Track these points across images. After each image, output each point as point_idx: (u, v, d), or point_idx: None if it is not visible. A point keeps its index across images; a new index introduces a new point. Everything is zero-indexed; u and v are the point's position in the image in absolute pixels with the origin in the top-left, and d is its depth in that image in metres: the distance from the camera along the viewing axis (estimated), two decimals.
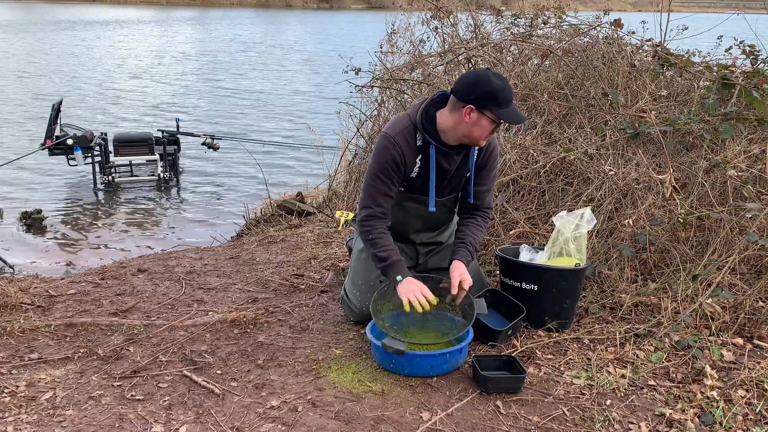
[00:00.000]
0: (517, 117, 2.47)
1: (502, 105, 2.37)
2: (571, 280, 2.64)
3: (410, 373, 2.36)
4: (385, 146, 2.50)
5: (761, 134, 3.17)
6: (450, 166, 2.58)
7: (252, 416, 2.11)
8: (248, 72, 17.37)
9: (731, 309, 2.61)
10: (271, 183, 5.79)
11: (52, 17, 34.93)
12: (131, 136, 7.21)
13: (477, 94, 2.36)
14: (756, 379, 2.26)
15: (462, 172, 2.63)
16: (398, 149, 2.49)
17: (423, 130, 2.50)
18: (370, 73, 4.92)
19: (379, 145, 2.55)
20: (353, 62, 4.86)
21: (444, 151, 2.52)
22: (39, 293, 3.09)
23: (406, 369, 2.36)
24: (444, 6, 4.86)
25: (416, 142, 2.52)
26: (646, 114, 3.24)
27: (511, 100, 2.40)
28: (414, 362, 2.35)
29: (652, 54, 3.80)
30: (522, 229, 3.29)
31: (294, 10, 54.26)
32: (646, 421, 2.09)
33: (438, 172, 2.56)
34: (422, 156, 2.54)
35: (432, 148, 2.50)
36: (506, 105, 2.38)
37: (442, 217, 2.80)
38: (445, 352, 2.36)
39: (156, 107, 11.99)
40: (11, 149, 8.14)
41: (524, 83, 4.05)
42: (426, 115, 2.51)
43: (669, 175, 2.91)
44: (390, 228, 2.65)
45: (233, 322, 2.78)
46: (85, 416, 2.10)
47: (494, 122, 2.40)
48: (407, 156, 2.51)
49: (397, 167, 2.51)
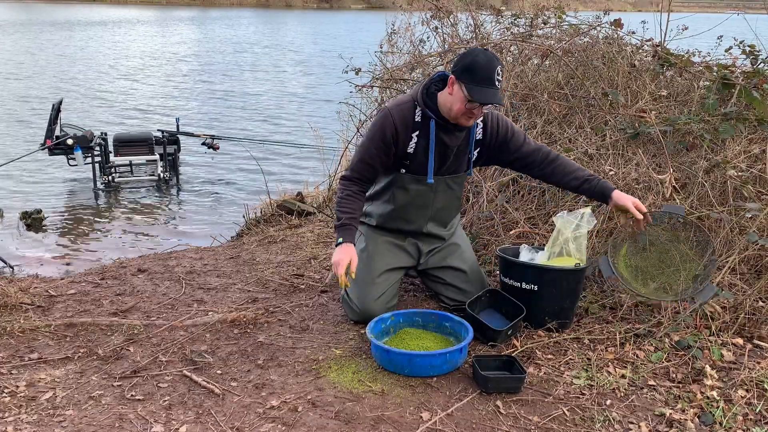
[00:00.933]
0: (486, 97, 2.40)
1: (478, 81, 2.37)
2: (571, 280, 2.64)
3: (410, 373, 2.36)
4: (381, 121, 2.58)
5: (761, 134, 3.17)
6: (452, 142, 2.60)
7: (252, 416, 2.11)
8: (248, 72, 17.37)
9: (731, 309, 2.61)
10: (271, 183, 5.78)
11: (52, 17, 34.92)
12: (131, 136, 7.20)
13: (460, 65, 2.43)
14: (756, 379, 2.26)
15: (464, 151, 2.65)
16: (392, 125, 2.55)
17: (423, 105, 2.55)
18: (370, 73, 4.91)
19: (377, 118, 2.63)
20: (353, 62, 4.86)
21: (445, 126, 2.55)
22: (39, 293, 3.09)
23: (406, 369, 2.36)
24: (444, 6, 4.86)
25: (414, 117, 2.57)
26: (646, 114, 3.24)
27: (491, 80, 2.38)
28: (414, 362, 2.35)
29: (652, 54, 3.80)
30: (522, 229, 3.29)
31: (294, 10, 54.26)
32: (646, 421, 2.09)
33: (439, 147, 2.59)
34: (420, 132, 2.57)
35: (432, 122, 2.54)
36: (483, 83, 2.37)
37: (448, 203, 2.79)
38: (445, 352, 2.37)
39: (156, 107, 11.98)
40: (11, 149, 8.14)
41: (524, 83, 4.05)
42: (427, 92, 2.57)
43: (669, 175, 2.91)
44: (398, 218, 2.71)
45: (233, 322, 2.78)
46: (85, 416, 2.10)
47: (468, 99, 2.40)
48: (401, 131, 2.56)
49: (388, 142, 2.57)
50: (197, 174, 7.76)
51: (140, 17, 38.66)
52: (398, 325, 2.64)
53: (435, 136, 2.56)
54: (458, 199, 2.84)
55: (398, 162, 2.65)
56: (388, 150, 2.59)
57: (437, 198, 2.72)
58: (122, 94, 13.23)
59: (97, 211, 6.38)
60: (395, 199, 2.72)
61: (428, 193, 2.69)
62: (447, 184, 2.72)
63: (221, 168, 8.00)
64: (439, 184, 2.69)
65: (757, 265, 2.81)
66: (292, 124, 10.83)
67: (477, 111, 2.46)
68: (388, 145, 2.58)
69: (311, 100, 13.27)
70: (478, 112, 2.47)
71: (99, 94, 13.16)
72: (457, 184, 2.77)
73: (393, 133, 2.56)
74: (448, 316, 2.63)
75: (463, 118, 2.49)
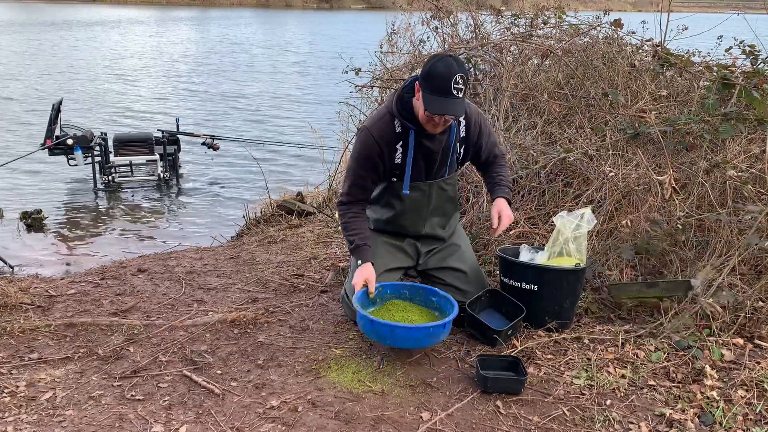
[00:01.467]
0: (440, 108, 2.34)
1: (433, 90, 2.33)
2: (571, 280, 2.64)
3: (392, 344, 2.42)
4: (363, 141, 2.59)
5: (761, 134, 3.17)
6: (435, 146, 2.59)
7: (252, 416, 2.11)
8: (248, 72, 17.36)
9: (731, 309, 2.61)
10: (271, 183, 5.78)
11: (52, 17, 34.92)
12: (131, 136, 7.20)
13: (422, 72, 2.40)
14: (756, 379, 2.26)
15: (448, 153, 2.66)
16: (375, 144, 2.55)
17: (399, 116, 2.53)
18: (370, 73, 4.92)
19: (358, 139, 2.64)
20: (353, 63, 4.86)
21: (425, 134, 2.53)
22: (39, 293, 3.09)
23: (389, 340, 2.41)
24: (444, 6, 4.86)
25: (395, 129, 2.56)
26: (646, 114, 3.23)
27: (447, 90, 2.31)
28: (396, 333, 2.40)
29: (652, 54, 3.80)
30: (522, 229, 3.29)
31: (294, 10, 54.25)
32: (646, 421, 2.09)
33: (424, 153, 2.59)
34: (403, 141, 2.58)
35: (411, 133, 2.52)
36: (438, 93, 2.32)
37: (443, 205, 2.81)
38: (429, 326, 2.41)
39: (156, 107, 11.98)
40: (11, 149, 8.14)
41: (524, 83, 4.05)
42: (401, 102, 2.54)
43: (669, 176, 2.91)
44: (394, 222, 2.75)
45: (233, 322, 2.78)
46: (85, 416, 2.10)
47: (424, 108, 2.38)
48: (385, 146, 2.56)
49: (374, 162, 2.59)
50: (197, 174, 7.76)
51: (140, 17, 38.66)
52: (385, 296, 2.68)
53: (416, 145, 2.55)
54: (453, 200, 2.85)
55: (389, 173, 2.66)
56: (377, 168, 2.61)
57: (431, 202, 2.74)
58: (122, 94, 13.24)
59: (97, 211, 6.38)
60: (390, 206, 2.75)
61: (422, 198, 2.71)
62: (440, 186, 2.73)
63: (221, 168, 8.00)
64: (432, 189, 2.70)
65: (757, 265, 2.81)
66: (292, 124, 10.83)
67: (438, 119, 2.42)
68: (376, 164, 2.59)
69: (311, 100, 13.27)
70: (440, 120, 2.42)
71: (99, 94, 13.16)
72: (449, 185, 2.78)
73: (378, 153, 2.56)
74: (435, 291, 2.66)
75: (429, 126, 2.47)
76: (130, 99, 12.76)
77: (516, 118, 3.85)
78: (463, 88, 2.36)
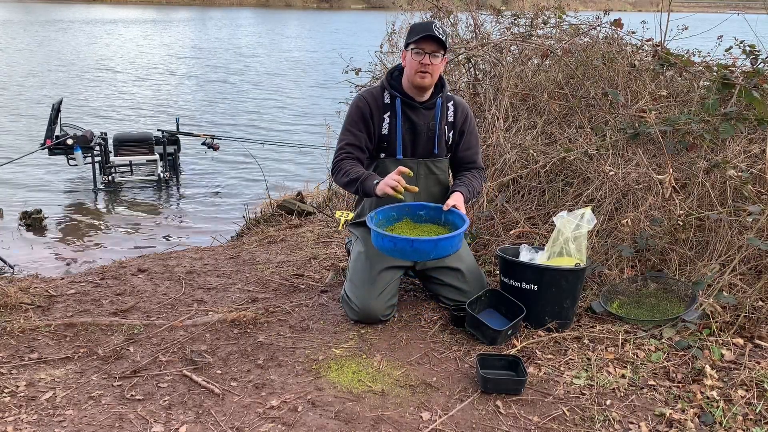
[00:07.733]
0: (420, 36, 2.60)
1: (416, 33, 2.64)
2: (571, 280, 2.64)
3: (401, 256, 2.49)
4: (355, 103, 2.82)
5: (761, 134, 3.17)
6: (419, 120, 2.79)
7: (252, 416, 2.11)
8: (248, 72, 17.37)
9: (731, 309, 2.61)
10: (271, 183, 5.79)
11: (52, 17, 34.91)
12: (131, 136, 7.21)
13: (406, 39, 2.72)
14: (756, 379, 2.26)
15: (434, 129, 2.80)
16: (366, 104, 2.76)
17: (389, 87, 2.78)
18: (370, 73, 4.92)
19: (350, 104, 2.86)
20: (353, 63, 4.86)
21: (410, 104, 2.76)
22: (39, 293, 3.09)
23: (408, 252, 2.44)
24: (444, 6, 4.86)
25: (384, 99, 2.79)
26: (646, 114, 3.23)
27: (428, 28, 2.61)
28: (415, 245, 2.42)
29: (652, 54, 3.80)
30: (522, 229, 3.29)
31: (294, 10, 54.25)
32: (646, 421, 2.09)
33: (408, 125, 2.78)
34: (391, 112, 2.79)
35: (398, 101, 2.77)
36: (420, 32, 2.62)
37: (433, 188, 2.87)
38: (436, 239, 2.44)
39: (156, 107, 11.98)
40: (11, 149, 8.14)
41: (524, 83, 4.05)
42: (391, 76, 2.82)
43: (668, 176, 2.91)
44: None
45: (233, 322, 2.78)
46: (85, 416, 2.10)
47: (413, 49, 2.63)
48: (374, 110, 2.77)
49: (364, 119, 2.76)
50: (197, 174, 7.76)
51: (140, 17, 38.66)
52: (392, 218, 2.71)
53: (402, 114, 2.76)
54: (443, 185, 2.90)
55: (377, 147, 2.80)
56: (367, 126, 2.77)
57: (420, 182, 2.80)
58: (122, 94, 13.24)
59: (97, 211, 6.39)
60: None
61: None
62: (427, 167, 2.84)
63: (221, 168, 8.00)
64: (420, 167, 2.82)
65: (757, 265, 2.82)
66: (292, 124, 10.84)
67: (425, 60, 2.62)
68: (366, 121, 2.76)
69: (311, 100, 13.27)
70: (426, 61, 2.62)
71: (99, 94, 13.16)
72: (438, 168, 2.87)
73: (368, 111, 2.76)
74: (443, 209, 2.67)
75: (417, 77, 2.65)
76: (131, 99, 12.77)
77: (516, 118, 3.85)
78: (444, 36, 2.62)
